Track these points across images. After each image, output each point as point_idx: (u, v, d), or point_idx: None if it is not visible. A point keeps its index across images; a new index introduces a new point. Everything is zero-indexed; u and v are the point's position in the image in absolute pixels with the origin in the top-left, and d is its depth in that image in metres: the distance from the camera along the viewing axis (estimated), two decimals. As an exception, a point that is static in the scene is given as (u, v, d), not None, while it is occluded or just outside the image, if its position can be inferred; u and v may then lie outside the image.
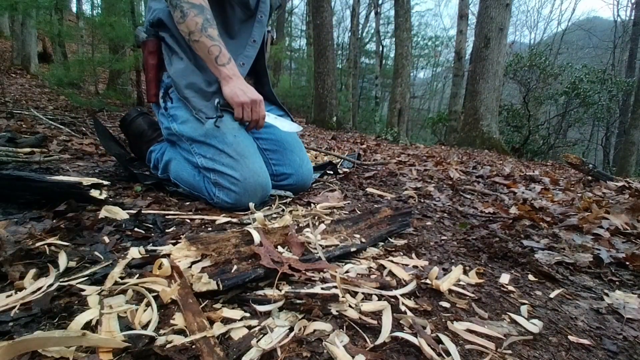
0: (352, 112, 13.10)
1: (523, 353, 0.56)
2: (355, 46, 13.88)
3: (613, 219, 1.36)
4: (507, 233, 1.20)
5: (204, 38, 1.14)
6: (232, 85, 1.17)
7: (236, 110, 1.18)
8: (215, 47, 1.15)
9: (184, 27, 1.16)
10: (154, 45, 1.30)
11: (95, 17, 5.84)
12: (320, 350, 0.50)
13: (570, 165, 2.99)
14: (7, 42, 8.94)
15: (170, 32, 1.27)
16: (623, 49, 16.50)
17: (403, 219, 1.08)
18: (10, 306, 0.53)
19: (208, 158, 1.18)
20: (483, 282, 0.80)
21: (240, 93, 1.17)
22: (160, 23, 1.27)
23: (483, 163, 4.21)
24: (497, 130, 8.36)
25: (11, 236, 0.72)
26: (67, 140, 2.16)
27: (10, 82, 6.13)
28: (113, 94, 5.25)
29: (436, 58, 23.56)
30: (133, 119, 1.52)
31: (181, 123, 1.23)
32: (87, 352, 0.45)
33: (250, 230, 0.77)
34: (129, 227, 0.90)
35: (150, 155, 1.42)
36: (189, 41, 1.18)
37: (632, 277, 0.92)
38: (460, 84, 10.27)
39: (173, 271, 0.65)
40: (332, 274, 0.71)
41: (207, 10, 1.17)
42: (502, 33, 7.97)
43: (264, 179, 1.18)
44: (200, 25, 1.14)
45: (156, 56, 1.31)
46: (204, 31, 1.14)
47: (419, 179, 2.21)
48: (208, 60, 1.17)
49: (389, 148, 5.13)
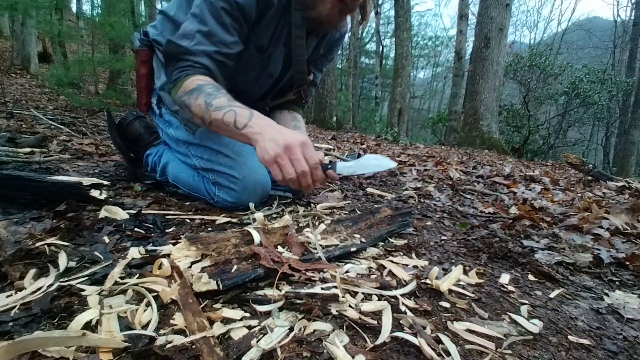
0: (352, 112, 13.10)
1: (523, 353, 0.56)
2: (355, 46, 13.87)
3: (613, 219, 1.36)
4: (507, 233, 1.20)
5: (213, 114, 0.96)
6: (261, 141, 0.90)
7: (271, 171, 0.89)
8: (229, 114, 0.95)
9: (196, 119, 1.02)
10: (146, 55, 1.30)
11: (95, 17, 5.85)
12: (320, 350, 0.50)
13: (570, 165, 2.99)
14: (7, 42, 8.95)
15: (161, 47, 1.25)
16: (623, 49, 16.52)
17: (403, 219, 1.08)
18: (10, 306, 0.53)
19: (205, 159, 1.18)
20: (483, 282, 0.80)
21: (270, 146, 0.87)
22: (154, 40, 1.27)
23: (483, 163, 4.21)
24: (497, 130, 8.37)
25: (11, 236, 0.72)
26: (67, 140, 2.16)
27: (10, 82, 6.14)
28: (113, 94, 5.25)
29: (436, 58, 23.58)
30: (129, 123, 1.50)
31: (176, 128, 1.24)
32: (87, 352, 0.45)
33: (250, 230, 0.77)
34: (129, 227, 0.90)
35: (147, 158, 1.41)
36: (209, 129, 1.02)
37: (632, 277, 0.92)
38: (460, 84, 10.27)
39: (173, 271, 0.65)
40: (332, 274, 0.71)
41: (206, 85, 1.00)
42: (502, 33, 7.98)
43: (263, 177, 1.18)
44: (204, 105, 0.97)
45: (147, 66, 1.30)
46: (209, 107, 0.97)
47: (419, 179, 2.21)
48: (229, 133, 0.97)
49: (389, 148, 5.14)
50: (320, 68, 1.43)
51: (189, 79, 1.02)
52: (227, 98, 0.99)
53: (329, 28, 1.21)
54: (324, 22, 1.13)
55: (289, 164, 0.87)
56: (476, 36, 8.50)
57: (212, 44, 1.03)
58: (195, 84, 1.01)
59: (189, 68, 1.03)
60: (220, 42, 1.04)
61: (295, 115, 1.46)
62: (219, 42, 1.04)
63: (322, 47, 1.34)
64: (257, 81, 1.27)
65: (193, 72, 1.03)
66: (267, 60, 1.22)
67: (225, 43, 1.05)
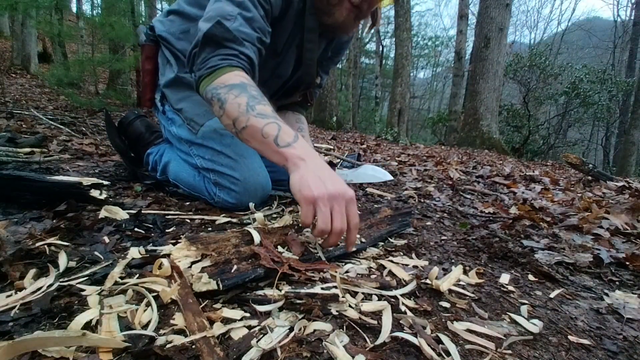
0: (352, 112, 13.11)
1: (523, 353, 0.56)
2: (355, 46, 13.88)
3: (613, 219, 1.36)
4: (507, 233, 1.20)
5: (253, 120, 0.83)
6: (304, 170, 0.76)
7: (304, 209, 0.73)
8: (272, 126, 0.82)
9: (225, 118, 0.88)
10: (151, 50, 1.28)
11: (95, 17, 5.85)
12: (320, 350, 0.50)
13: (570, 165, 2.99)
14: (7, 42, 8.95)
15: (167, 44, 1.25)
16: (623, 49, 16.52)
17: (403, 219, 1.08)
18: (10, 306, 0.53)
19: (207, 159, 1.17)
20: (483, 282, 0.80)
21: (314, 183, 0.72)
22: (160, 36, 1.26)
23: (483, 163, 4.21)
24: (497, 130, 8.37)
25: (11, 236, 0.72)
26: (67, 140, 2.16)
27: (10, 82, 6.14)
28: (113, 94, 5.25)
29: (436, 58, 23.59)
30: (130, 122, 1.50)
31: (179, 126, 1.24)
32: (87, 352, 0.45)
33: (250, 230, 0.77)
34: (129, 227, 0.90)
35: (148, 157, 1.41)
36: (238, 134, 0.88)
37: (632, 277, 0.92)
38: (460, 84, 10.28)
39: (173, 271, 0.65)
40: (332, 274, 0.71)
41: (250, 86, 0.89)
42: (502, 33, 7.98)
43: (264, 179, 1.18)
44: (245, 106, 0.85)
45: (153, 61, 1.29)
46: (250, 110, 0.84)
47: (419, 179, 2.21)
48: (263, 146, 0.83)
49: (389, 148, 5.14)
50: (327, 70, 1.43)
51: (233, 71, 0.91)
52: (272, 109, 0.88)
53: (343, 33, 1.21)
54: (339, 28, 1.12)
55: (328, 213, 0.71)
56: (476, 36, 8.50)
57: (254, 30, 0.95)
58: (240, 80, 0.89)
59: (233, 58, 0.92)
60: (260, 29, 0.97)
61: (299, 117, 1.46)
62: (260, 29, 0.97)
63: (330, 49, 1.34)
64: (267, 82, 1.26)
65: (237, 63, 0.92)
66: (279, 62, 1.22)
67: (264, 31, 0.98)
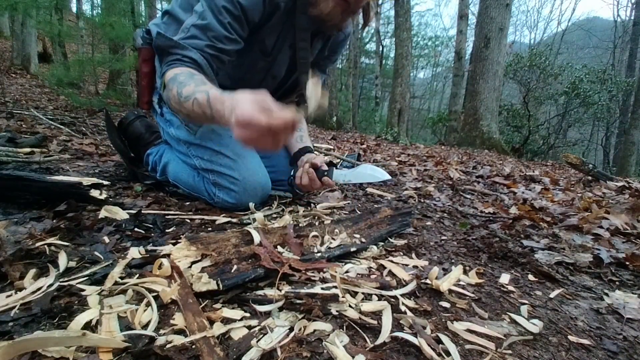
0: (352, 112, 13.10)
1: (523, 353, 0.56)
2: (355, 46, 13.87)
3: (613, 219, 1.36)
4: (507, 233, 1.20)
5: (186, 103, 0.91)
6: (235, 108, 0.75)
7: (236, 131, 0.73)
8: (200, 95, 0.88)
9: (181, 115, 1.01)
10: (148, 53, 1.28)
11: (95, 17, 5.85)
12: (320, 350, 0.50)
13: (570, 165, 2.99)
14: (7, 42, 8.95)
15: None
16: (623, 49, 16.51)
17: (403, 219, 1.08)
18: (10, 306, 0.53)
19: (206, 160, 1.17)
20: (483, 282, 0.80)
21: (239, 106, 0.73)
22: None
23: (483, 163, 4.21)
24: (497, 130, 8.37)
25: (11, 236, 0.72)
26: (67, 140, 2.16)
27: (10, 82, 6.13)
28: (113, 94, 5.25)
29: (436, 58, 23.59)
30: (130, 122, 1.50)
31: (177, 127, 1.24)
32: (87, 352, 0.45)
33: (250, 230, 0.77)
34: (129, 227, 0.90)
35: (148, 158, 1.41)
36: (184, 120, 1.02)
37: (632, 277, 0.92)
38: (460, 84, 10.26)
39: (173, 271, 0.65)
40: (332, 273, 0.71)
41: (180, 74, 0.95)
42: (502, 33, 7.98)
43: (263, 178, 1.18)
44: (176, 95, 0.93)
45: (150, 64, 1.29)
46: (180, 97, 0.92)
47: (419, 179, 2.21)
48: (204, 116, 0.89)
49: (389, 148, 5.14)
50: (324, 69, 1.43)
51: (169, 71, 0.99)
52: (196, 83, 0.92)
53: (332, 28, 1.21)
54: (325, 21, 1.12)
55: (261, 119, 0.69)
56: (476, 36, 8.50)
57: (206, 38, 1.02)
58: (172, 74, 0.96)
59: (176, 62, 1.00)
60: (214, 36, 1.03)
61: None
62: (214, 36, 1.03)
63: (327, 48, 1.34)
64: (262, 83, 1.27)
65: (179, 65, 0.99)
66: (272, 63, 1.22)
67: (220, 38, 1.04)
